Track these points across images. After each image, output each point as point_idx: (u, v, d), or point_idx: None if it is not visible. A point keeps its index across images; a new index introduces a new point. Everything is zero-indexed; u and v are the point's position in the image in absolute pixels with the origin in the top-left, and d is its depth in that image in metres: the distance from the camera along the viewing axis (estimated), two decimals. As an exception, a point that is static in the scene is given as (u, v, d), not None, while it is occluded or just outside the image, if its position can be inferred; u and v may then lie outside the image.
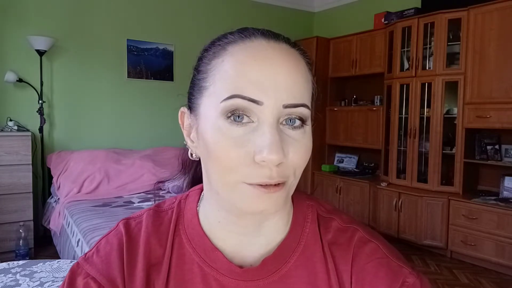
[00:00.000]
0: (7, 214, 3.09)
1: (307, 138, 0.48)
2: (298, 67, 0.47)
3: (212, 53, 0.49)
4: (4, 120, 3.39)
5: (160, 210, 0.58)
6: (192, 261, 0.53)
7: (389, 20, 3.98)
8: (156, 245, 0.54)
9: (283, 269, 0.52)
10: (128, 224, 0.57)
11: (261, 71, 0.45)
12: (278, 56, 0.46)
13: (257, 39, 0.47)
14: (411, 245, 3.60)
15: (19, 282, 1.58)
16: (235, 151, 0.44)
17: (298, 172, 0.48)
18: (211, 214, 0.54)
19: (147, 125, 4.14)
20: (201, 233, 0.54)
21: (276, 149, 0.43)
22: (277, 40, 0.48)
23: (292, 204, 0.57)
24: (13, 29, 3.43)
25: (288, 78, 0.46)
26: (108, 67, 3.90)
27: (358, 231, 0.55)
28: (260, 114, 0.45)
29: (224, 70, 0.46)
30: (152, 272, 0.53)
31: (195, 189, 0.60)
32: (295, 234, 0.55)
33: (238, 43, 0.47)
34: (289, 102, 0.45)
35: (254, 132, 0.45)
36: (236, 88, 0.45)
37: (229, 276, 0.51)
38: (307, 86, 0.48)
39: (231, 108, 0.45)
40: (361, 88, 4.62)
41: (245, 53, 0.46)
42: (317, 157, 4.72)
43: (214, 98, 0.46)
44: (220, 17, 4.44)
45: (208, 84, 0.48)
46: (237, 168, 0.45)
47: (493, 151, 3.37)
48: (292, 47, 0.49)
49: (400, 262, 0.52)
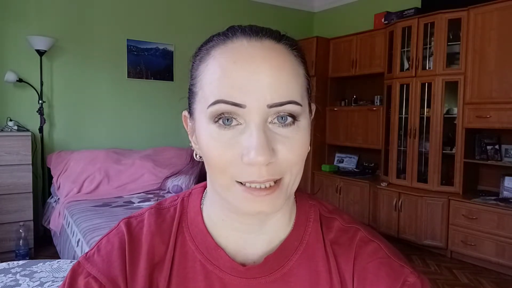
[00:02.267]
0: (7, 214, 3.09)
1: (301, 134, 0.47)
2: (284, 63, 0.46)
3: (199, 58, 0.50)
4: (4, 120, 3.39)
5: (161, 208, 0.58)
6: (194, 259, 0.53)
7: (389, 20, 3.98)
8: (159, 243, 0.54)
9: (285, 267, 0.53)
10: (129, 223, 0.57)
11: (243, 74, 0.45)
12: (260, 56, 0.45)
13: (238, 40, 0.47)
14: (411, 245, 3.60)
15: (19, 282, 1.58)
16: (225, 153, 0.45)
17: (295, 169, 0.47)
18: (215, 212, 0.54)
19: (147, 125, 4.14)
20: (205, 231, 0.54)
21: (263, 151, 0.43)
22: (259, 37, 0.47)
23: (295, 203, 0.57)
24: (13, 29, 3.43)
25: (271, 77, 0.45)
26: (108, 67, 3.90)
27: (360, 231, 0.55)
28: (246, 117, 0.45)
29: (208, 75, 0.47)
30: (154, 270, 0.53)
31: (198, 187, 0.60)
32: (298, 232, 0.55)
33: (220, 46, 0.47)
34: (273, 102, 0.45)
35: (242, 134, 0.45)
36: (219, 93, 0.45)
37: (231, 274, 0.52)
38: (296, 81, 0.47)
39: (217, 113, 0.45)
40: (361, 88, 4.62)
41: (226, 56, 0.46)
42: (317, 157, 4.72)
43: (203, 104, 0.47)
44: (220, 17, 4.44)
45: (197, 89, 0.49)
46: (228, 169, 0.46)
47: (493, 151, 3.37)
48: (277, 42, 0.48)
49: (401, 262, 0.52)
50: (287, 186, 0.48)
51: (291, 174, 0.47)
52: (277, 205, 0.47)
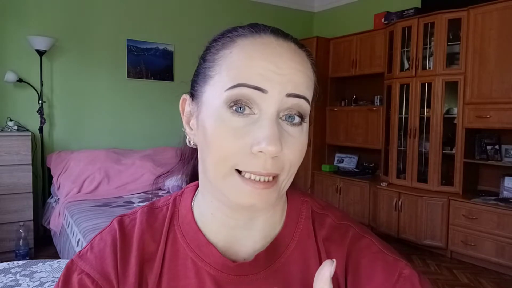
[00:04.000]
0: (7, 214, 3.09)
1: (304, 137, 0.49)
2: (304, 66, 0.49)
3: (221, 44, 0.50)
4: (4, 120, 3.39)
5: (154, 207, 0.59)
6: (185, 256, 0.54)
7: (389, 20, 3.98)
8: (150, 241, 0.55)
9: (276, 264, 0.53)
10: (122, 221, 0.57)
11: (268, 65, 0.46)
12: (286, 53, 0.48)
13: (266, 35, 0.49)
14: (411, 245, 3.60)
15: (19, 282, 1.58)
16: (233, 141, 0.45)
17: (292, 169, 0.48)
18: (205, 206, 0.55)
19: (147, 125, 4.14)
20: (195, 228, 0.55)
21: (275, 141, 0.44)
22: (285, 39, 0.50)
23: (287, 200, 0.57)
24: (13, 29, 3.43)
25: (293, 75, 0.47)
26: (108, 67, 3.90)
27: (352, 227, 0.56)
28: (263, 104, 0.46)
29: (231, 61, 0.48)
30: (145, 268, 0.54)
31: (190, 186, 0.61)
32: (289, 229, 0.55)
33: (248, 37, 0.49)
34: (292, 92, 0.47)
35: (254, 124, 0.46)
36: (242, 78, 0.46)
37: (222, 271, 0.52)
38: (310, 85, 0.50)
39: (235, 97, 0.46)
40: (361, 88, 4.62)
41: (254, 47, 0.48)
42: (317, 157, 4.71)
43: (218, 87, 0.47)
44: (220, 17, 4.44)
45: (214, 73, 0.49)
46: (231, 157, 0.46)
47: (493, 151, 3.37)
48: (299, 48, 0.50)
49: (395, 255, 0.53)
50: (281, 184, 0.48)
51: (288, 173, 0.48)
52: (270, 200, 0.47)
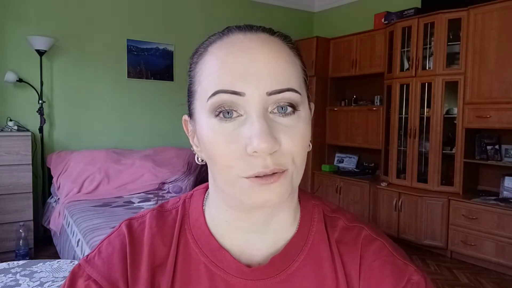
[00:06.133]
0: (7, 214, 3.09)
1: (302, 124, 0.47)
2: (280, 53, 0.47)
3: (197, 56, 0.50)
4: (4, 120, 3.39)
5: (163, 210, 0.58)
6: (198, 261, 0.53)
7: (389, 20, 3.98)
8: (161, 245, 0.54)
9: (291, 267, 0.52)
10: (130, 224, 0.56)
11: (240, 63, 0.45)
12: (256, 45, 0.46)
13: (233, 34, 0.48)
14: (411, 245, 3.60)
15: (19, 282, 1.58)
16: (229, 147, 0.45)
17: (298, 160, 0.47)
18: (218, 214, 0.54)
19: (147, 125, 4.14)
20: (207, 233, 0.54)
21: (266, 138, 0.43)
22: (254, 31, 0.49)
23: (299, 203, 0.57)
24: (13, 29, 3.43)
25: (269, 65, 0.45)
26: (108, 67, 3.90)
27: (364, 229, 0.55)
28: (246, 106, 0.45)
29: (206, 70, 0.48)
30: (156, 273, 0.52)
31: (199, 189, 0.59)
32: (303, 232, 0.55)
33: (217, 42, 0.49)
34: (273, 89, 0.45)
35: (243, 125, 0.45)
36: (218, 84, 0.45)
37: (236, 276, 0.51)
38: (294, 70, 0.48)
39: (217, 104, 0.45)
40: (361, 88, 4.62)
41: (224, 50, 0.47)
42: (317, 157, 4.72)
43: (203, 99, 0.47)
44: (220, 17, 4.44)
45: (197, 87, 0.49)
46: (233, 163, 0.45)
47: (493, 151, 3.37)
48: (271, 35, 0.49)
49: (405, 260, 0.52)
50: (291, 176, 0.47)
51: (295, 165, 0.46)
52: (283, 193, 0.46)
